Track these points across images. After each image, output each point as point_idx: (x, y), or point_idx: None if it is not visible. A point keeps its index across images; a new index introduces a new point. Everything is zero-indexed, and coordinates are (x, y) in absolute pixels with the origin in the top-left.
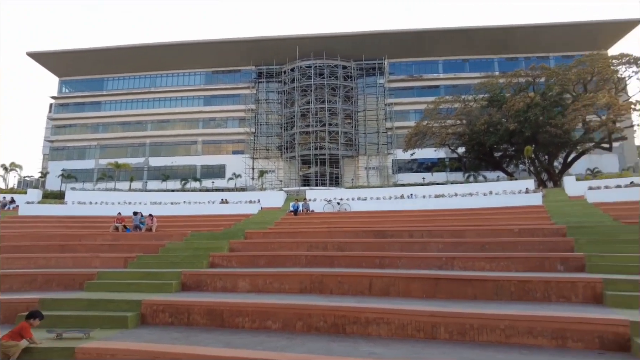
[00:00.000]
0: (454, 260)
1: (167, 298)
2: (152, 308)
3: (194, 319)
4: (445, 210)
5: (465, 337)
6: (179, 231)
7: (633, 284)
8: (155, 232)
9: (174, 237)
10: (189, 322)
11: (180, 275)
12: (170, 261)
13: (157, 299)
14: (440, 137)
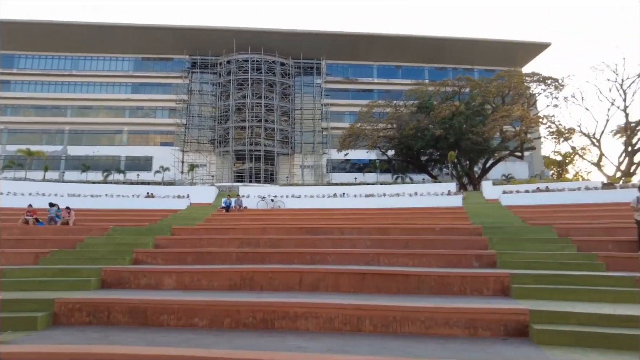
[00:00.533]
0: (380, 257)
1: (85, 296)
2: (67, 307)
3: (114, 317)
4: (375, 209)
5: (388, 329)
6: (99, 225)
7: (534, 278)
8: (73, 226)
9: (94, 232)
10: (109, 322)
11: (100, 272)
12: (89, 257)
13: (73, 298)
14: (372, 139)
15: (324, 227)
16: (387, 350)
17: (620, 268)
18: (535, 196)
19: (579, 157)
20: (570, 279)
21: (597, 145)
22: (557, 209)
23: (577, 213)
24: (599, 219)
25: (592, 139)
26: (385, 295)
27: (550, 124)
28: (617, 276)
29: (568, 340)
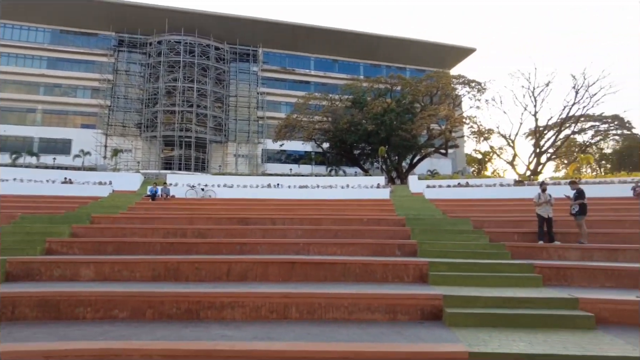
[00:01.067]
0: (310, 246)
1: None
2: None
3: (21, 312)
4: (308, 200)
5: (314, 316)
6: (5, 213)
7: (449, 266)
8: None
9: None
10: (14, 317)
11: (5, 263)
12: None
13: None
14: (308, 131)
15: (256, 217)
16: (310, 336)
17: (523, 256)
18: (456, 191)
19: (496, 156)
20: (480, 267)
21: (512, 146)
22: (475, 203)
23: (491, 207)
24: (509, 212)
25: (508, 140)
26: (312, 283)
27: (472, 124)
28: (519, 263)
29: (475, 322)
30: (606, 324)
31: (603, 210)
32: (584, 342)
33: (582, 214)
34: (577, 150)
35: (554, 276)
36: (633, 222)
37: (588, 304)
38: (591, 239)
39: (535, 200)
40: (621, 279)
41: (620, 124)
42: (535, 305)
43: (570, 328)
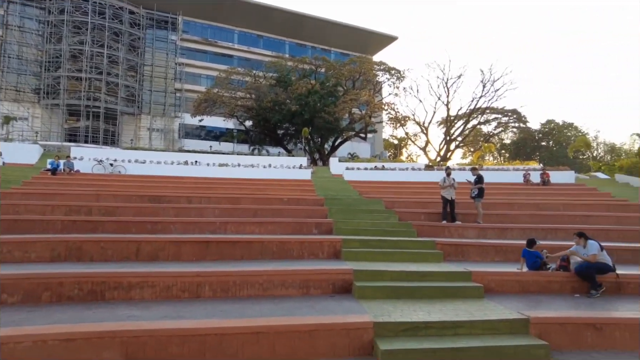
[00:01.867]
0: (227, 225)
1: None
2: None
3: None
4: (228, 179)
5: (228, 294)
6: None
7: (361, 242)
8: None
9: None
10: None
11: None
12: None
13: None
14: (230, 107)
15: (170, 195)
16: (222, 313)
17: (427, 234)
18: (373, 173)
19: (411, 142)
20: (390, 243)
21: (425, 133)
22: (388, 185)
23: (403, 189)
24: (418, 194)
25: (422, 127)
26: (228, 262)
27: (391, 110)
28: (424, 241)
29: (381, 294)
30: (492, 293)
31: (498, 194)
32: (473, 309)
33: (480, 197)
34: (482, 139)
35: (453, 252)
36: (521, 204)
37: (479, 276)
38: (486, 219)
39: (441, 183)
40: (508, 254)
41: (518, 117)
42: (435, 278)
43: (463, 298)
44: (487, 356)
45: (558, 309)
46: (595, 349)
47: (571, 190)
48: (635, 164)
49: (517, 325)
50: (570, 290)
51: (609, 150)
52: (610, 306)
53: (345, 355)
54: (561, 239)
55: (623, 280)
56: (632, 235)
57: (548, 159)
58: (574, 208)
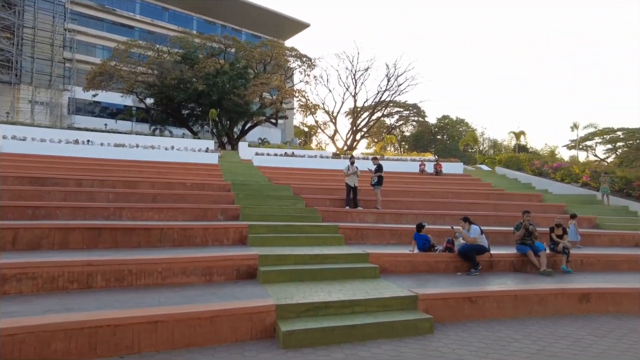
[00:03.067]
0: (122, 211)
1: None
2: None
3: None
4: (125, 160)
5: (123, 283)
6: None
7: (268, 228)
8: None
9: None
10: None
11: None
12: None
13: None
14: (129, 83)
15: (57, 177)
16: (118, 303)
17: (332, 219)
18: (282, 160)
19: (320, 131)
20: (296, 228)
21: (334, 122)
22: (297, 172)
23: (311, 176)
24: (325, 181)
25: (331, 116)
26: (123, 249)
27: (301, 97)
28: (327, 225)
29: (285, 278)
30: (387, 273)
31: (396, 183)
32: (369, 288)
33: (379, 184)
34: (385, 131)
35: (354, 236)
36: (416, 192)
37: (375, 258)
38: (384, 206)
39: (345, 171)
40: (402, 237)
41: (418, 112)
42: (336, 260)
43: (361, 278)
44: (379, 331)
45: (442, 286)
46: (470, 319)
47: (459, 180)
48: (511, 158)
49: (407, 301)
50: (453, 269)
51: (492, 145)
52: (483, 282)
53: (247, 339)
54: (448, 224)
55: (495, 259)
56: (506, 220)
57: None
58: (461, 196)
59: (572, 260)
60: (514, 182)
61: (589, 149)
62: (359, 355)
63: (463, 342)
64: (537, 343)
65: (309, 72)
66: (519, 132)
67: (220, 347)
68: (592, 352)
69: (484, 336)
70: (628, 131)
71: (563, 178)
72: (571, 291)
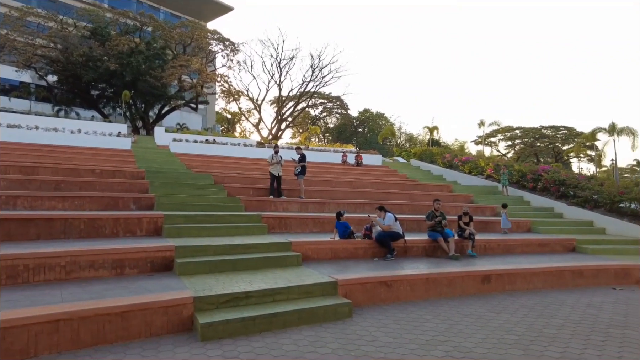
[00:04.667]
0: (17, 199)
1: None
2: None
3: None
4: (21, 144)
5: (17, 280)
6: None
7: (186, 218)
8: None
9: None
10: None
11: None
12: None
13: None
14: (26, 56)
15: None
16: (9, 303)
17: (255, 209)
18: (203, 147)
19: (244, 118)
20: (216, 218)
21: (258, 110)
22: (219, 160)
23: (234, 165)
24: (248, 170)
25: (255, 104)
26: (19, 243)
27: (224, 83)
28: (250, 215)
29: (204, 269)
30: (310, 260)
31: (319, 173)
32: (291, 276)
33: (302, 174)
34: (310, 121)
35: (277, 225)
36: (338, 182)
37: (298, 246)
38: (308, 195)
39: (269, 160)
40: (324, 225)
41: (341, 104)
42: (259, 249)
43: (283, 266)
44: (300, 318)
45: (361, 272)
46: (386, 302)
47: (378, 171)
48: (425, 151)
49: (328, 287)
50: (371, 255)
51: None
52: (398, 266)
53: (162, 333)
54: (367, 212)
55: (409, 245)
56: (420, 209)
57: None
58: (379, 186)
59: (476, 245)
60: (427, 174)
61: (493, 144)
62: (279, 342)
63: (379, 324)
64: (446, 322)
65: (232, 56)
66: (432, 127)
67: (132, 344)
68: (491, 326)
69: (399, 318)
70: (524, 130)
71: (470, 170)
72: (475, 273)
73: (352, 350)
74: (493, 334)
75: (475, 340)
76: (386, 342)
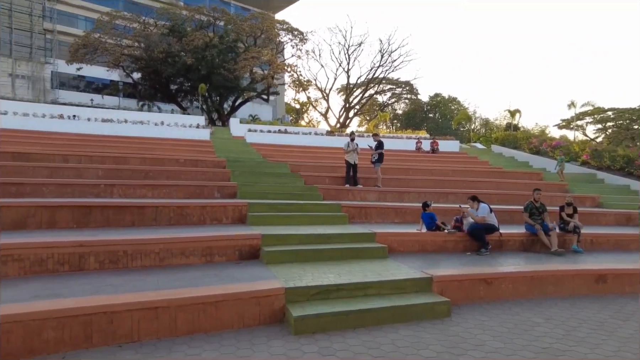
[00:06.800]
0: (113, 188)
1: None
2: None
3: None
4: (113, 136)
5: (117, 265)
6: None
7: (268, 206)
8: None
9: None
10: None
11: None
12: None
13: None
14: (115, 56)
15: (41, 153)
16: (110, 287)
17: (332, 198)
18: (276, 137)
19: (312, 108)
20: (296, 207)
21: (326, 99)
22: (292, 149)
23: (307, 153)
24: (322, 159)
25: (324, 93)
26: (116, 229)
27: (293, 73)
28: (329, 204)
29: (290, 258)
30: (395, 252)
31: (394, 161)
32: (380, 269)
33: (379, 162)
34: (378, 108)
35: (357, 214)
36: (415, 170)
37: (382, 237)
38: (385, 184)
39: (345, 148)
40: (406, 216)
41: (410, 89)
42: (342, 240)
43: (369, 258)
44: (395, 315)
45: (455, 267)
46: (486, 300)
47: (457, 158)
48: (508, 136)
49: (422, 283)
50: (462, 248)
51: (484, 124)
52: (495, 262)
53: (254, 324)
54: (452, 202)
55: (505, 239)
56: (507, 198)
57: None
58: (461, 174)
59: (582, 239)
60: (511, 161)
61: (579, 128)
62: (375, 341)
63: (483, 326)
64: (561, 327)
65: (301, 46)
66: (514, 110)
67: (226, 333)
68: (620, 336)
69: (503, 319)
70: (618, 111)
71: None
72: (587, 272)
73: (460, 355)
74: (626, 347)
75: (605, 352)
76: (496, 348)
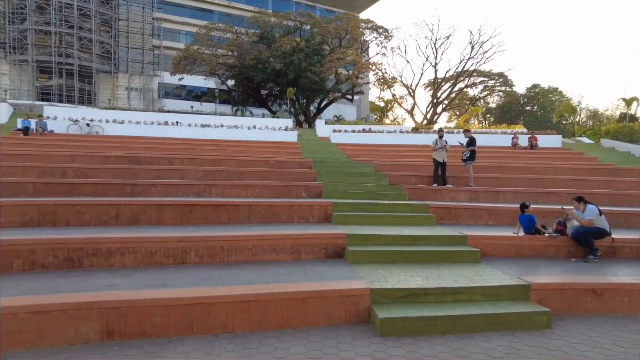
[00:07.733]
0: (211, 188)
1: None
2: None
3: None
4: (210, 140)
5: (215, 259)
6: None
7: (352, 206)
8: None
9: None
10: None
11: None
12: None
13: None
14: (211, 65)
15: (150, 156)
16: (209, 281)
17: (419, 197)
18: (360, 136)
19: (397, 105)
20: (381, 207)
21: (412, 96)
22: (376, 148)
23: (392, 152)
24: (407, 157)
25: (409, 89)
26: (214, 225)
27: (378, 71)
28: (416, 204)
29: (375, 258)
30: (489, 257)
31: (487, 158)
32: (471, 274)
33: (471, 159)
34: (468, 102)
35: (446, 215)
36: (511, 168)
37: (474, 240)
38: (477, 183)
39: (433, 145)
40: (501, 217)
41: (504, 81)
42: (430, 242)
43: (459, 262)
44: (487, 324)
45: (557, 274)
46: (593, 313)
47: (559, 154)
48: (622, 128)
49: (518, 291)
50: (566, 254)
51: (591, 116)
52: (607, 271)
53: (339, 323)
54: (553, 203)
55: (618, 245)
56: (621, 199)
57: (532, 123)
58: (563, 172)
59: None
60: (625, 156)
61: None
62: (466, 349)
63: (592, 342)
64: None
65: (386, 43)
66: (630, 98)
67: (313, 330)
68: None
69: (617, 337)
70: None
71: None
72: None
73: None
74: None
75: None
76: None
